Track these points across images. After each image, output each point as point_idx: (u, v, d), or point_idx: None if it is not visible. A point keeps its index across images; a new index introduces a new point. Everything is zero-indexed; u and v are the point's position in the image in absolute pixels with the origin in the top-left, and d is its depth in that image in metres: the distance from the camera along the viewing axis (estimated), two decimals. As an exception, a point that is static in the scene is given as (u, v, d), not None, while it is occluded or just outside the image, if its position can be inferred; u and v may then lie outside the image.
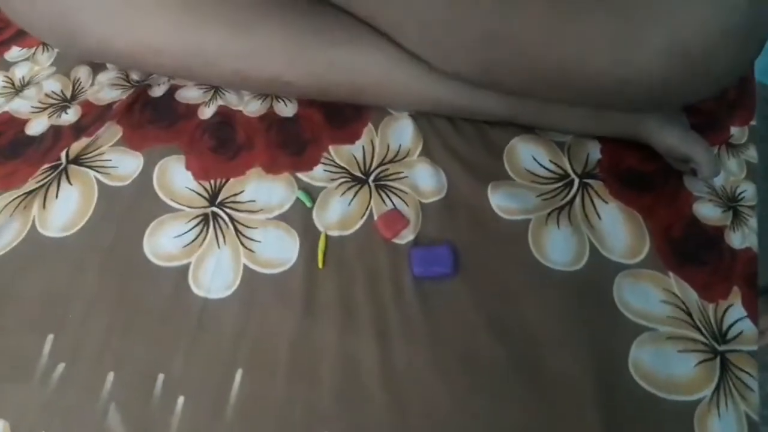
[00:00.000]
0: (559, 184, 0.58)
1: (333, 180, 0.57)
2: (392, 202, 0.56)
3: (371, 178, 0.58)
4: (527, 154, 0.60)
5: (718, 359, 0.49)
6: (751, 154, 0.63)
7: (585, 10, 0.47)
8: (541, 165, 0.59)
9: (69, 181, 0.55)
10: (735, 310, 0.52)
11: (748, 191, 0.60)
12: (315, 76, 0.57)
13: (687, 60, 0.45)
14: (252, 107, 0.63)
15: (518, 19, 0.49)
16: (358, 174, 0.58)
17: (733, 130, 0.65)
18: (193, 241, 0.53)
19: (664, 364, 0.48)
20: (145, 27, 0.55)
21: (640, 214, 0.56)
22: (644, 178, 0.59)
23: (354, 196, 0.56)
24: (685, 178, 0.60)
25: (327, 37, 0.56)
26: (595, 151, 0.61)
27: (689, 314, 0.51)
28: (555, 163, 0.59)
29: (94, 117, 0.61)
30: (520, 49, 0.50)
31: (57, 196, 0.54)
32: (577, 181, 0.58)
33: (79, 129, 0.60)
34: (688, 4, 0.44)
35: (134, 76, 0.65)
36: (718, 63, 0.45)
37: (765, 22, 0.47)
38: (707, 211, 0.58)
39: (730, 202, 0.59)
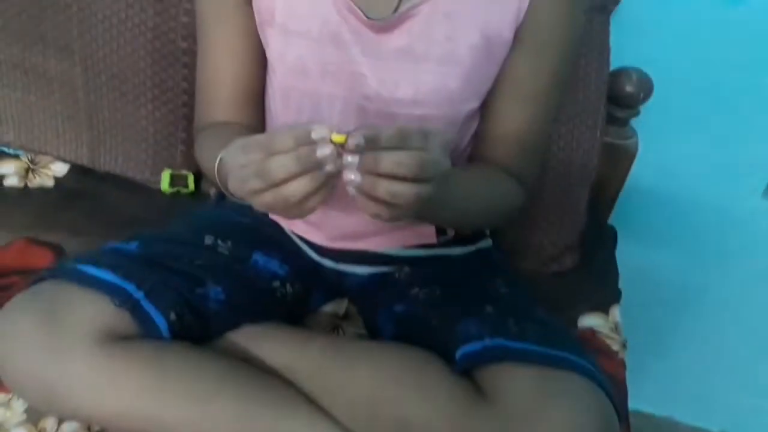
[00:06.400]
0: None
1: None
2: None
3: None
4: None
5: None
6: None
7: (481, 412, 0.59)
8: None
9: None
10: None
11: None
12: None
13: None
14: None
15: (429, 410, 0.60)
16: None
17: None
18: None
19: None
20: (110, 394, 0.61)
21: None
22: None
23: None
24: None
25: (272, 410, 0.63)
26: None
27: None
28: None
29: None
30: None
31: None
32: None
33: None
34: (556, 410, 0.56)
35: (95, 428, 0.70)
36: None
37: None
38: None
39: None
